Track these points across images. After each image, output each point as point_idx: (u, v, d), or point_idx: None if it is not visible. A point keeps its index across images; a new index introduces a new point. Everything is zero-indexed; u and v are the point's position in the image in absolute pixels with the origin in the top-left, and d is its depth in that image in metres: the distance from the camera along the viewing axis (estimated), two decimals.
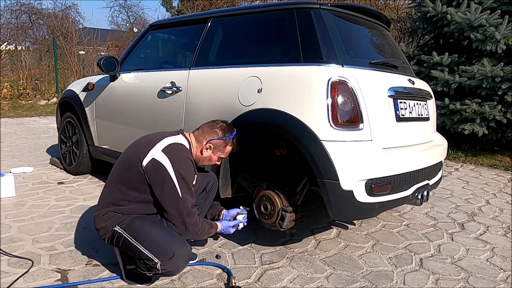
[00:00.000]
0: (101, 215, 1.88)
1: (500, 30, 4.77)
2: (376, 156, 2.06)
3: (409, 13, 7.65)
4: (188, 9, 13.19)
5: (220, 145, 2.02)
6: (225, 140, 2.02)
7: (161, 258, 1.75)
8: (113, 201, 1.88)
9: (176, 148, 1.89)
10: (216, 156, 2.04)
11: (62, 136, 4.05)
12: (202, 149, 2.00)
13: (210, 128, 2.01)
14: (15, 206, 2.97)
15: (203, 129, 2.03)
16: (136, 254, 1.80)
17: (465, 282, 2.08)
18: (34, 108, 9.63)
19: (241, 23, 2.66)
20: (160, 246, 1.77)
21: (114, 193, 1.88)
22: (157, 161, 1.80)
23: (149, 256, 1.76)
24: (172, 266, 1.79)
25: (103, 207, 1.90)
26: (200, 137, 2.01)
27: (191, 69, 2.66)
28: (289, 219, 2.16)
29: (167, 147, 1.86)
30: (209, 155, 2.02)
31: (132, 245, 1.79)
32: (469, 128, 4.96)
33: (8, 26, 14.39)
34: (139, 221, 1.86)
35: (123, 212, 1.87)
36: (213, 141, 1.99)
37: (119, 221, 1.85)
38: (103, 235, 1.90)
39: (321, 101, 1.99)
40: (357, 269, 2.17)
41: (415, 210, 3.19)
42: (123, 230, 1.83)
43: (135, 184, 1.85)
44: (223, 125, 2.04)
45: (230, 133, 2.04)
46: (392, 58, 2.65)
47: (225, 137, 2.01)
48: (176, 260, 1.78)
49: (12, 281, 1.89)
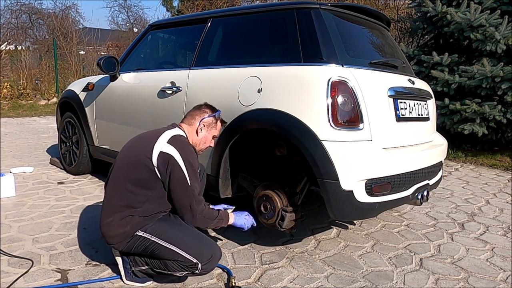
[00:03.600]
0: (117, 221, 1.82)
1: (500, 30, 4.77)
2: (376, 156, 2.06)
3: (409, 13, 7.64)
4: (188, 9, 13.19)
5: (212, 122, 2.08)
6: (215, 116, 2.09)
7: (200, 259, 1.79)
8: (126, 205, 1.83)
9: (180, 138, 1.94)
10: (210, 134, 2.09)
11: (62, 136, 4.05)
12: (197, 129, 2.04)
13: (198, 110, 2.08)
14: (15, 206, 2.97)
15: (191, 114, 2.09)
16: (169, 257, 1.80)
17: (465, 282, 2.08)
18: (34, 108, 9.63)
19: (241, 23, 2.66)
20: (199, 248, 1.82)
21: (126, 196, 1.84)
22: (165, 153, 1.82)
23: (187, 258, 1.78)
24: (211, 266, 1.84)
25: (115, 212, 1.84)
26: (191, 121, 2.05)
27: (191, 69, 2.66)
28: (289, 219, 2.16)
29: (172, 138, 1.89)
30: (204, 135, 2.06)
31: (165, 248, 1.80)
32: (469, 128, 4.96)
33: (8, 26, 14.40)
34: (166, 224, 1.87)
35: (142, 215, 1.84)
36: (204, 120, 2.05)
37: (141, 225, 1.83)
38: (119, 241, 1.84)
39: (321, 101, 1.99)
40: (357, 269, 2.17)
41: (415, 210, 3.19)
42: (150, 234, 1.82)
43: (147, 182, 1.84)
44: (209, 105, 2.13)
45: (215, 110, 2.11)
46: (392, 58, 2.66)
47: (214, 114, 2.08)
48: (214, 260, 1.85)
49: (12, 281, 1.89)
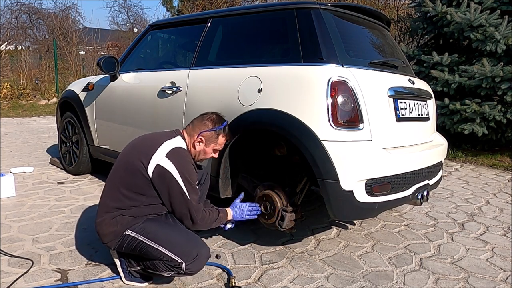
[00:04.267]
0: (108, 220, 1.84)
1: (500, 30, 4.77)
2: (376, 156, 2.06)
3: (409, 13, 7.64)
4: (188, 9, 13.19)
5: (212, 137, 1.99)
6: (216, 131, 1.98)
7: (185, 258, 1.76)
8: (119, 207, 1.84)
9: (180, 152, 1.88)
10: (209, 148, 2.01)
11: (62, 136, 4.05)
12: (194, 142, 1.98)
13: (200, 122, 2.00)
14: (15, 206, 2.97)
15: (194, 123, 2.02)
16: (156, 256, 1.79)
17: (465, 282, 2.08)
18: (34, 108, 9.63)
19: (241, 23, 2.66)
20: (184, 247, 1.79)
21: (120, 199, 1.85)
22: (162, 168, 1.79)
23: (172, 257, 1.76)
24: (197, 266, 1.81)
25: (107, 212, 1.86)
26: (191, 132, 1.99)
27: (191, 69, 2.66)
28: (289, 219, 2.16)
29: (171, 152, 1.84)
30: (202, 148, 2.00)
31: (151, 247, 1.79)
32: (469, 128, 4.96)
33: (8, 26, 14.38)
34: (154, 223, 1.85)
35: (133, 215, 1.84)
36: (204, 133, 1.97)
37: (130, 224, 1.83)
38: (110, 240, 1.86)
39: (321, 101, 1.99)
40: (357, 269, 2.17)
41: (415, 210, 3.19)
42: (137, 233, 1.82)
43: (141, 189, 1.83)
44: (213, 117, 2.02)
45: (220, 123, 2.01)
46: (392, 58, 2.66)
47: (215, 128, 1.98)
48: (200, 260, 1.80)
49: (12, 281, 1.89)
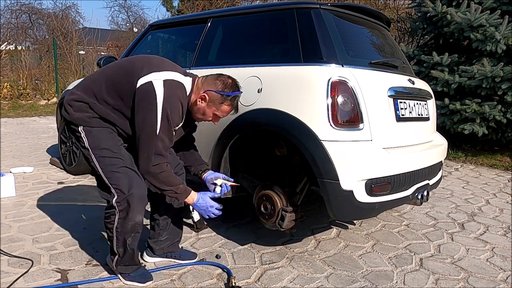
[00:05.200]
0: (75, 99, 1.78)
1: (500, 30, 4.77)
2: (376, 156, 2.06)
3: (409, 13, 7.63)
4: (188, 9, 13.19)
5: (216, 100, 1.81)
6: (223, 95, 1.80)
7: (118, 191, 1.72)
8: (94, 94, 1.77)
9: (176, 86, 1.76)
10: (210, 111, 1.85)
11: (62, 136, 4.05)
12: (197, 98, 1.83)
13: (213, 79, 1.84)
14: (15, 206, 2.97)
15: (207, 78, 1.87)
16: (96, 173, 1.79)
17: (465, 282, 2.08)
18: (34, 108, 9.63)
19: (241, 23, 2.66)
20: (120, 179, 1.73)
21: (101, 88, 1.77)
22: (152, 87, 1.69)
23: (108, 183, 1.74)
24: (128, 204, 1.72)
25: (82, 90, 1.80)
26: (200, 85, 1.85)
27: (191, 69, 2.65)
28: (289, 219, 2.16)
29: (169, 81, 1.73)
30: (203, 107, 1.84)
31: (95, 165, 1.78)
32: (469, 128, 4.96)
33: (8, 26, 14.36)
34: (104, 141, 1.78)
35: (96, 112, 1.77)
36: (209, 92, 1.80)
37: (86, 122, 1.77)
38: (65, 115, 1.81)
39: (321, 101, 1.99)
40: (357, 269, 2.17)
41: (415, 210, 3.19)
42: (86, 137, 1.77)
43: (123, 91, 1.75)
44: (228, 81, 1.85)
45: (231, 90, 1.83)
46: (392, 58, 2.66)
47: (224, 92, 1.80)
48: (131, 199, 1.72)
49: (12, 281, 1.89)
